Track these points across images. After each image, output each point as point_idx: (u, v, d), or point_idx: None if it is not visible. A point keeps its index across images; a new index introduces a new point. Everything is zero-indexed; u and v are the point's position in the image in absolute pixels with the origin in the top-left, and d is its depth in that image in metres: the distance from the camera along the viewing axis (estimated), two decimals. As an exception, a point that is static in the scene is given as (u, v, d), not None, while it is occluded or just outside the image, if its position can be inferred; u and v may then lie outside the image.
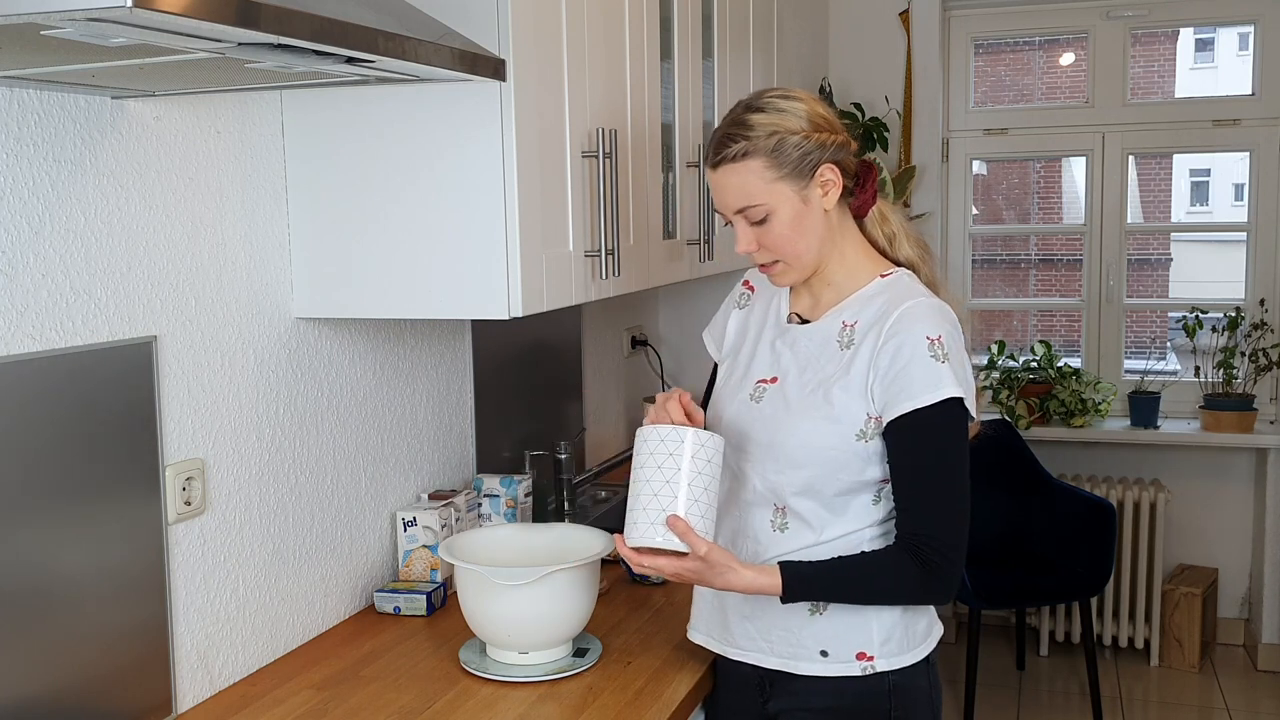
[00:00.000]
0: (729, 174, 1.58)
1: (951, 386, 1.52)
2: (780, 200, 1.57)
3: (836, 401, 1.58)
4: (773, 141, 1.55)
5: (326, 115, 1.82)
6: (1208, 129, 4.13)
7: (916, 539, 1.54)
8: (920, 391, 1.52)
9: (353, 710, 1.66)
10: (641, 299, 3.51)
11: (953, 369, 1.53)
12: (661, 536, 1.53)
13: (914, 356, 1.53)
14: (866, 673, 1.62)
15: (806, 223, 1.59)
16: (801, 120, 1.57)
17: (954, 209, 4.36)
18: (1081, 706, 3.79)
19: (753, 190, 1.57)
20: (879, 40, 4.21)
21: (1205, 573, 4.17)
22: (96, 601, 1.51)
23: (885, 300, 1.60)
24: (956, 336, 1.57)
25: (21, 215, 1.41)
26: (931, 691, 1.68)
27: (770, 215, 1.58)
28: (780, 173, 1.56)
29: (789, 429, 1.60)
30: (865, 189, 1.64)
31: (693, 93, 2.50)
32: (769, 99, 1.59)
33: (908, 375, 1.53)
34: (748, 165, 1.56)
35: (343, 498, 2.04)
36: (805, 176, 1.57)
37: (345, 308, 1.87)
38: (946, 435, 1.55)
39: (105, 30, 0.98)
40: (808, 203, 1.58)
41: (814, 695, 1.64)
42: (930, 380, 1.52)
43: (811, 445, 1.58)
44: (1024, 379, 4.20)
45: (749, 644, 1.69)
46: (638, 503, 1.56)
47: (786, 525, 1.62)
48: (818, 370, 1.62)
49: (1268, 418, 4.09)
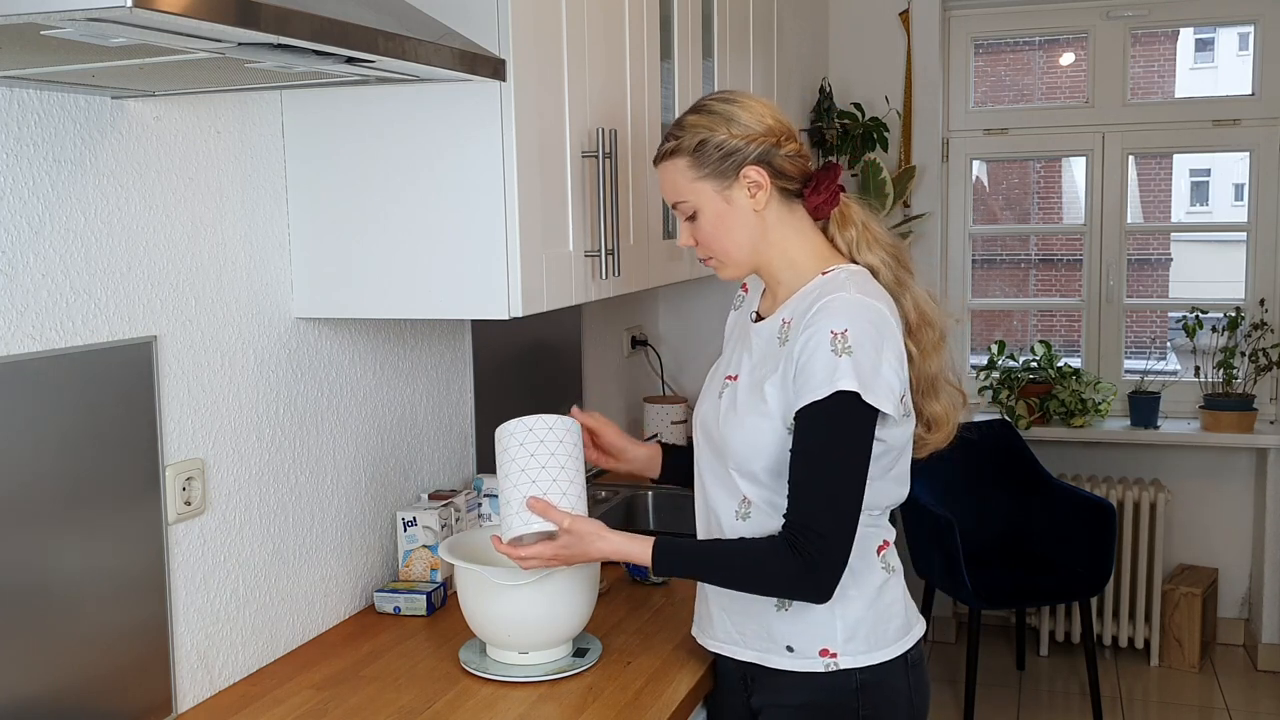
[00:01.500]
0: (662, 170, 1.67)
1: (847, 380, 1.50)
2: (703, 199, 1.63)
3: (769, 397, 1.59)
4: (695, 141, 1.61)
5: (326, 115, 1.82)
6: (1208, 129, 4.13)
7: (794, 529, 1.53)
8: (818, 385, 1.52)
9: (353, 710, 1.66)
10: (641, 299, 3.51)
11: (853, 362, 1.51)
12: (524, 522, 1.60)
13: (816, 349, 1.53)
14: (829, 669, 1.62)
15: (730, 221, 1.63)
16: (732, 124, 1.61)
17: (954, 209, 4.36)
18: (1081, 706, 3.79)
19: (680, 187, 1.65)
20: (879, 40, 4.21)
21: (1205, 573, 4.17)
22: (96, 601, 1.51)
23: (815, 296, 1.60)
24: (872, 334, 1.53)
25: (21, 215, 1.41)
26: (911, 693, 1.67)
27: (697, 212, 1.65)
28: (701, 172, 1.62)
29: (733, 424, 1.63)
30: (820, 191, 1.65)
31: (693, 93, 2.50)
32: (708, 101, 1.66)
33: (810, 368, 1.53)
34: (675, 164, 1.64)
35: (343, 498, 2.04)
36: (728, 177, 1.62)
37: (345, 308, 1.87)
38: (836, 428, 1.53)
39: (105, 30, 0.98)
40: (730, 202, 1.63)
41: (787, 691, 1.66)
42: (826, 374, 1.51)
43: (746, 440, 1.60)
44: (1024, 379, 4.20)
45: (725, 636, 1.71)
46: (503, 499, 1.64)
47: (749, 515, 1.64)
48: (761, 367, 1.64)
49: (1268, 418, 4.09)
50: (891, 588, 1.66)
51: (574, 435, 1.67)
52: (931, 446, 1.72)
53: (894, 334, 1.57)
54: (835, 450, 1.53)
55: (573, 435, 1.67)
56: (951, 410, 1.71)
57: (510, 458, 1.65)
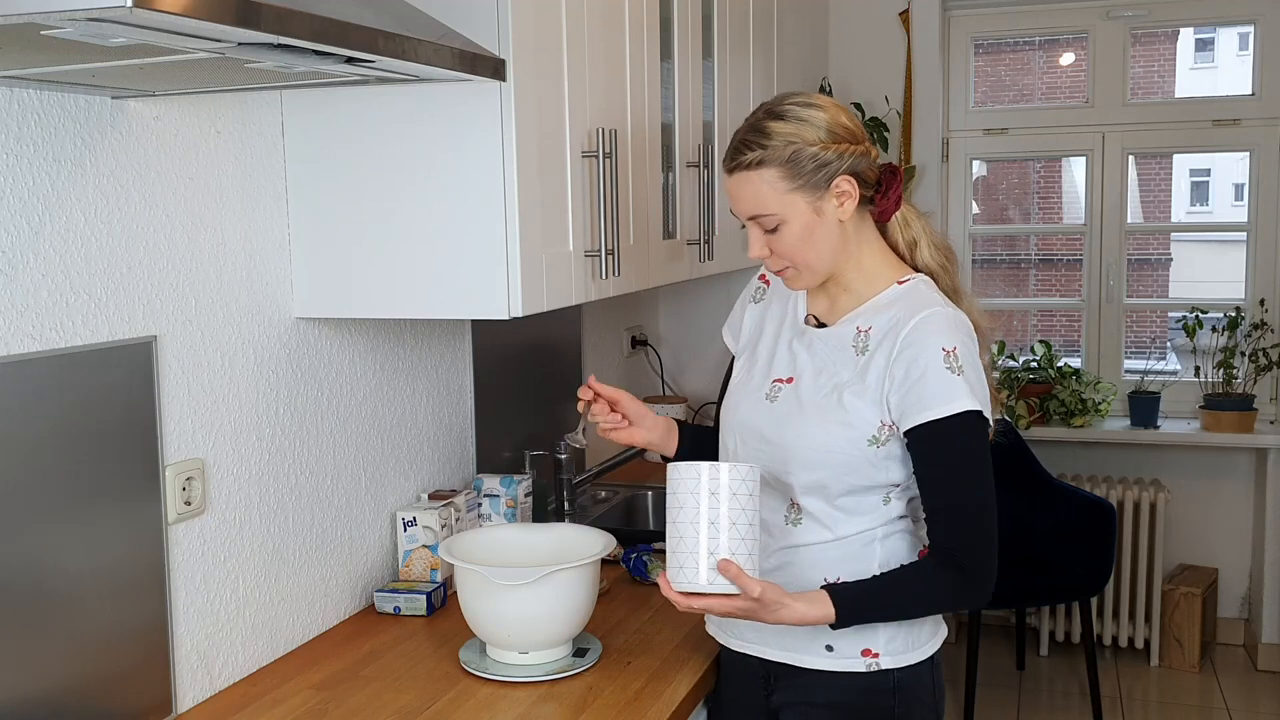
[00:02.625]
0: (743, 181, 1.57)
1: (967, 399, 1.53)
2: (793, 211, 1.56)
3: (849, 406, 1.58)
4: (789, 152, 1.53)
5: (326, 115, 1.82)
6: (1208, 129, 4.13)
7: (950, 551, 1.56)
8: (936, 404, 1.53)
9: (353, 710, 1.66)
10: (641, 299, 3.51)
11: (968, 381, 1.53)
12: (715, 584, 1.49)
13: (929, 368, 1.53)
14: (871, 669, 1.62)
15: (819, 233, 1.58)
16: (820, 131, 1.55)
17: (954, 209, 4.36)
18: (1081, 706, 3.79)
19: (766, 200, 1.56)
20: (879, 40, 4.21)
21: (1205, 573, 4.16)
22: (96, 601, 1.51)
23: (901, 308, 1.59)
24: (971, 346, 1.57)
25: (21, 215, 1.40)
26: (935, 691, 1.68)
27: (782, 225, 1.57)
28: (794, 184, 1.55)
29: (800, 430, 1.61)
30: (888, 195, 1.62)
31: (693, 93, 2.50)
32: (790, 105, 1.57)
33: (923, 387, 1.53)
34: (762, 175, 1.55)
35: (343, 498, 2.04)
36: (820, 188, 1.56)
37: (345, 308, 1.87)
38: (966, 446, 1.55)
39: (105, 30, 0.98)
40: (821, 214, 1.57)
41: (818, 690, 1.65)
42: (946, 393, 1.52)
43: (822, 448, 1.59)
44: (1024, 379, 4.20)
45: (754, 636, 1.70)
46: (682, 545, 1.51)
47: (800, 520, 1.63)
48: (832, 374, 1.62)
49: (1268, 418, 4.09)
50: None
51: (757, 486, 1.54)
52: None
53: (978, 347, 1.61)
54: (970, 468, 1.56)
55: (757, 487, 1.54)
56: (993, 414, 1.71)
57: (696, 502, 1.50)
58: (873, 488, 1.60)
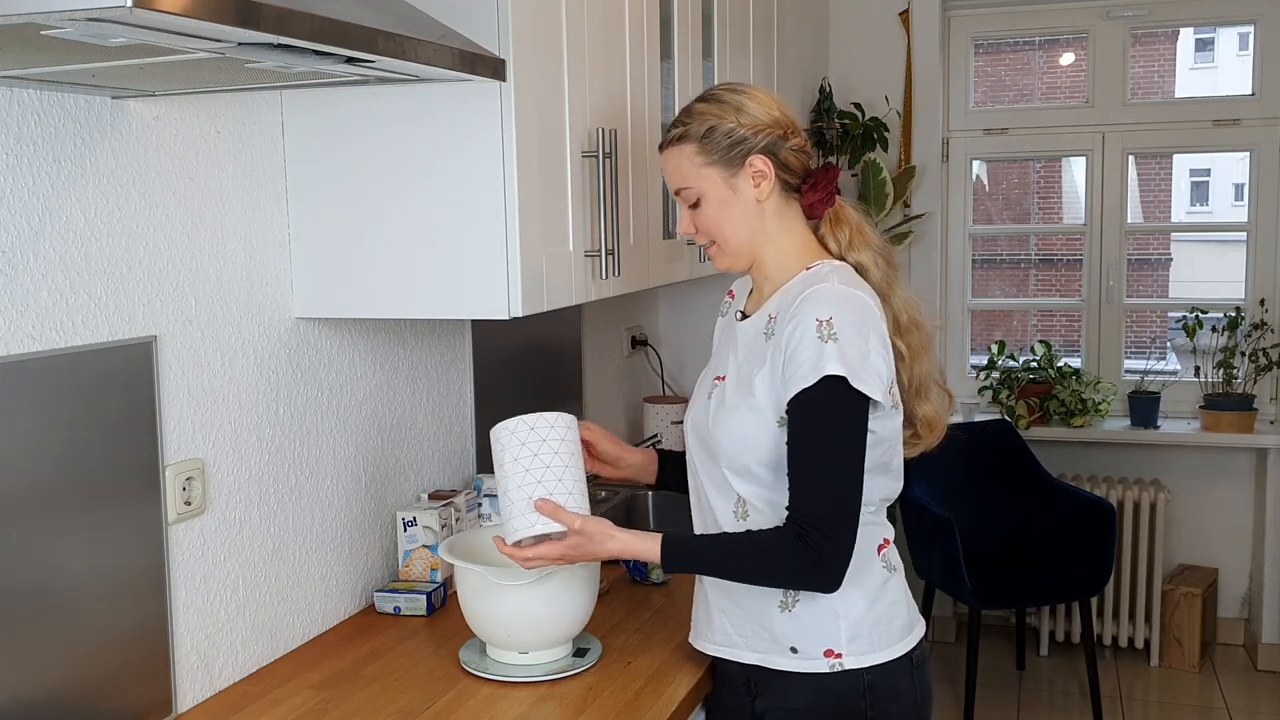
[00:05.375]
0: (668, 156, 1.68)
1: (833, 365, 1.50)
2: (709, 185, 1.64)
3: (757, 391, 1.59)
4: (704, 127, 1.62)
5: (326, 115, 1.82)
6: (1208, 129, 4.13)
7: (798, 520, 1.54)
8: (806, 372, 1.52)
9: (353, 710, 1.66)
10: (641, 299, 3.51)
11: (839, 349, 1.51)
12: (535, 523, 1.60)
13: (803, 338, 1.53)
14: (834, 670, 1.61)
15: (734, 209, 1.64)
16: (741, 113, 1.63)
17: (954, 209, 4.36)
18: (1081, 706, 3.79)
19: (685, 173, 1.65)
20: (879, 40, 4.21)
21: (1205, 573, 4.16)
22: (96, 601, 1.51)
23: (799, 289, 1.60)
24: (857, 322, 1.54)
25: (21, 215, 1.41)
26: (916, 692, 1.67)
27: (701, 199, 1.65)
28: (709, 159, 1.63)
29: (723, 423, 1.63)
30: (818, 189, 1.66)
31: (693, 93, 2.49)
32: (717, 90, 1.67)
33: (798, 358, 1.53)
34: (682, 150, 1.65)
35: (343, 498, 2.04)
36: (734, 165, 1.62)
37: (345, 308, 1.87)
38: (827, 415, 1.53)
39: (105, 30, 0.98)
40: (736, 190, 1.63)
41: (793, 693, 1.65)
42: (813, 361, 1.52)
43: (737, 436, 1.61)
44: (1024, 379, 4.20)
45: (725, 639, 1.70)
46: (505, 499, 1.63)
47: (747, 514, 1.64)
48: (749, 363, 1.64)
49: (1268, 418, 4.09)
50: (893, 587, 1.66)
51: (574, 432, 1.67)
52: (922, 447, 1.73)
53: (878, 324, 1.58)
54: (829, 437, 1.54)
55: (573, 432, 1.67)
56: (941, 412, 1.72)
57: (512, 457, 1.63)
58: None
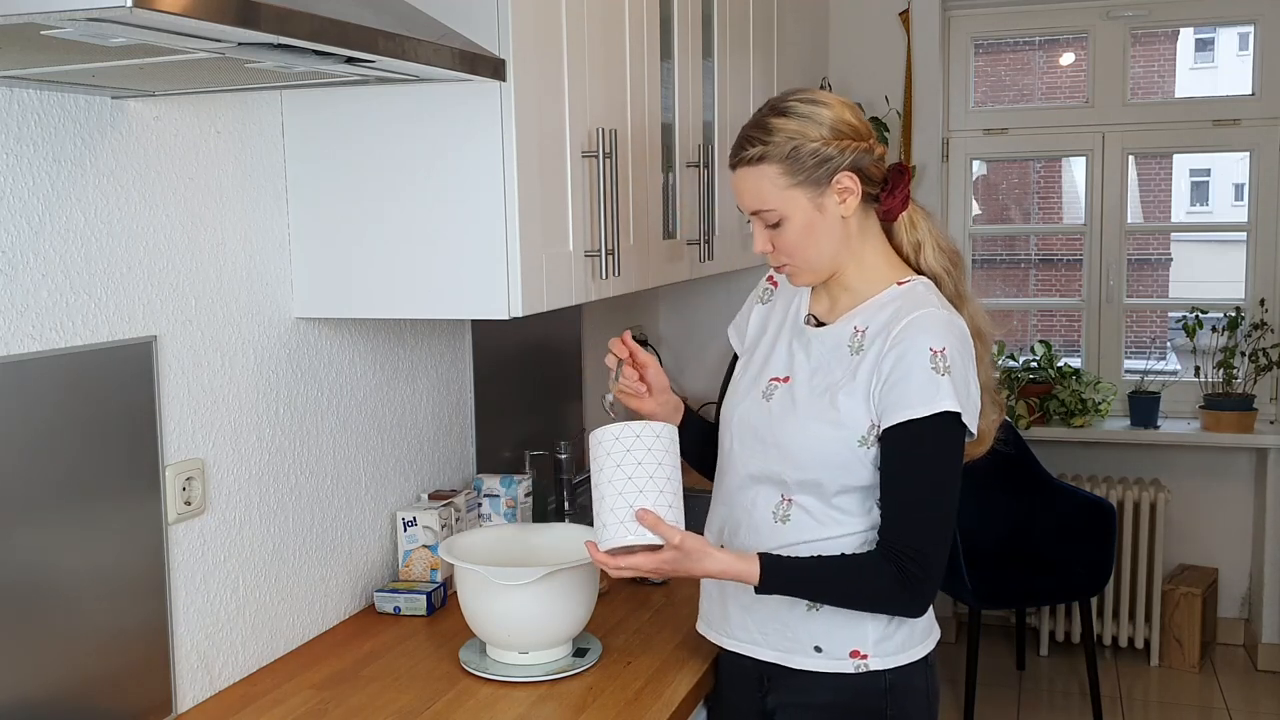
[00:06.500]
0: (745, 176, 1.58)
1: (948, 400, 1.51)
2: (794, 207, 1.57)
3: (841, 406, 1.57)
4: (789, 148, 1.54)
5: (326, 115, 1.82)
6: (1208, 129, 4.13)
7: (897, 549, 1.54)
8: (917, 402, 1.51)
9: (353, 710, 1.66)
10: (641, 299, 3.51)
11: (953, 383, 1.52)
12: (633, 533, 1.53)
13: (914, 366, 1.52)
14: (859, 670, 1.62)
15: (820, 229, 1.58)
16: (823, 127, 1.55)
17: (954, 209, 4.36)
18: (1081, 706, 3.79)
19: (767, 195, 1.57)
20: (879, 40, 4.21)
21: (1205, 573, 4.16)
22: (96, 601, 1.51)
23: (896, 308, 1.59)
24: (963, 351, 1.55)
25: (21, 215, 1.40)
26: (929, 693, 1.68)
27: (784, 221, 1.58)
28: (795, 180, 1.55)
29: (794, 429, 1.61)
30: (894, 194, 1.61)
31: (693, 93, 2.50)
32: (794, 102, 1.58)
33: (906, 384, 1.52)
34: (763, 170, 1.56)
35: (343, 498, 2.04)
36: (821, 184, 1.56)
37: (345, 308, 1.87)
38: (937, 448, 1.54)
39: (105, 30, 0.98)
40: (823, 210, 1.57)
41: (811, 691, 1.65)
42: (928, 392, 1.51)
43: (814, 448, 1.59)
44: (1024, 379, 4.20)
45: (744, 635, 1.70)
46: (603, 505, 1.55)
47: (789, 517, 1.62)
48: (827, 374, 1.61)
49: (1268, 418, 4.09)
50: None
51: (676, 444, 1.59)
52: (969, 458, 1.67)
53: (973, 352, 1.58)
54: (939, 472, 1.54)
55: (675, 444, 1.59)
56: (994, 423, 1.69)
57: (615, 463, 1.56)
58: (868, 488, 1.59)
